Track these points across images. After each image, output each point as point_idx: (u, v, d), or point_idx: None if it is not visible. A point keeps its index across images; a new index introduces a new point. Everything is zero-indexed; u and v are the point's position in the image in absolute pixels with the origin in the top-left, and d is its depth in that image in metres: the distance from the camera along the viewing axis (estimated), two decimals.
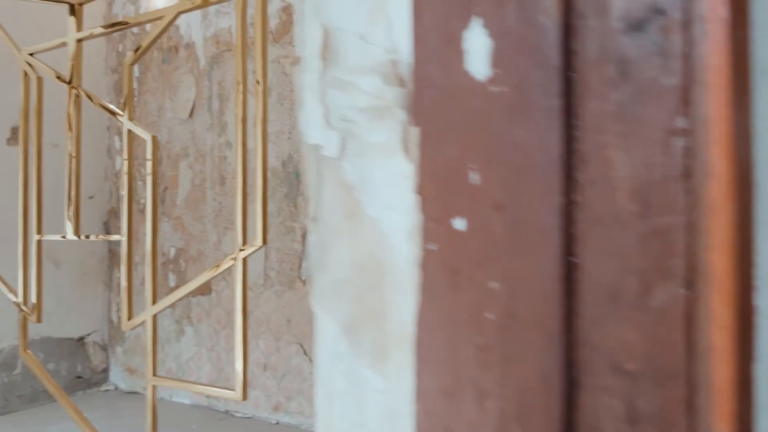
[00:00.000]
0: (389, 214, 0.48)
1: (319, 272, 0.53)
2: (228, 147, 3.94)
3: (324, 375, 0.51)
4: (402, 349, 0.46)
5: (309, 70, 0.53)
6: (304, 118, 0.54)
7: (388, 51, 0.48)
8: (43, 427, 3.71)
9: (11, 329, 3.91)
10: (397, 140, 0.47)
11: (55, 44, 2.52)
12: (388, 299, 0.48)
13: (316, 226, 0.54)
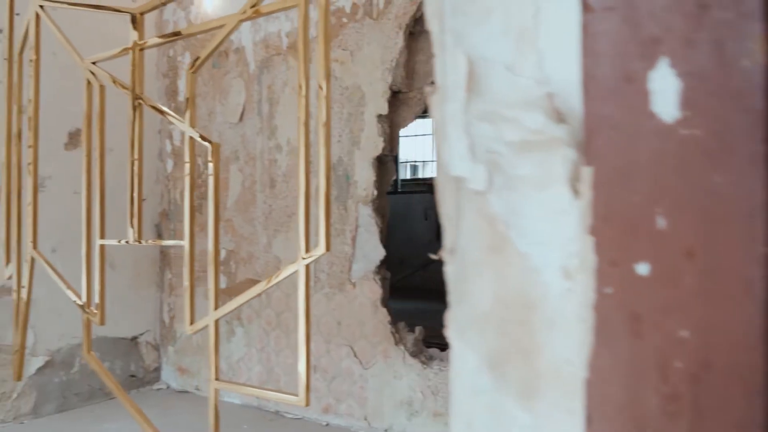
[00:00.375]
0: (541, 249, 0.47)
1: (458, 304, 0.52)
2: (278, 150, 3.97)
3: (463, 407, 0.50)
4: (554, 387, 0.45)
5: (451, 100, 0.52)
6: (446, 150, 0.53)
7: (540, 83, 0.47)
8: (100, 425, 3.80)
9: (69, 329, 4.02)
10: (557, 176, 0.46)
11: (117, 53, 2.57)
12: (537, 335, 0.47)
13: (454, 258, 0.53)
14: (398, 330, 3.59)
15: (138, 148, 2.48)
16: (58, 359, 4.02)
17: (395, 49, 3.52)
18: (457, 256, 0.53)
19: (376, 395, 3.58)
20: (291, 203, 3.92)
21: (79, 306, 2.61)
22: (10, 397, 3.77)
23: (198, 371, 4.44)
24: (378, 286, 3.60)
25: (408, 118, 3.65)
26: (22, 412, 3.84)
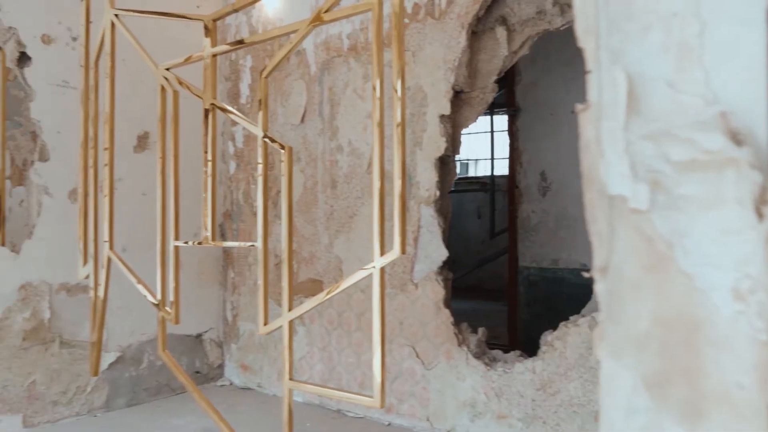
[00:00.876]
0: (708, 269, 0.45)
1: (612, 324, 0.51)
2: (339, 151, 4.01)
3: (615, 425, 0.49)
4: (722, 410, 0.44)
5: (608, 118, 0.51)
6: (602, 168, 0.52)
7: (708, 102, 0.46)
8: (168, 420, 3.91)
9: (138, 326, 4.15)
10: (729, 196, 0.45)
11: (190, 59, 2.63)
12: (702, 357, 0.45)
13: (607, 277, 0.52)
14: (461, 331, 3.57)
15: (212, 151, 2.53)
16: (129, 355, 4.16)
17: (458, 48, 3.50)
18: (610, 275, 0.52)
19: (438, 396, 3.58)
20: (352, 204, 3.94)
21: (155, 305, 2.69)
22: (84, 390, 3.92)
23: (260, 369, 4.52)
24: (440, 286, 3.59)
25: (470, 118, 3.63)
26: (95, 406, 3.98)
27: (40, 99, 3.73)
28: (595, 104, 0.52)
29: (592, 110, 0.53)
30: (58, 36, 3.81)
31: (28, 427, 3.67)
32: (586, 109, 0.54)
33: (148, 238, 4.06)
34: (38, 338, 3.70)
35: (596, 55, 0.52)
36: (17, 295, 3.63)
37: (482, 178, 10.33)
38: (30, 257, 3.69)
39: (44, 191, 3.74)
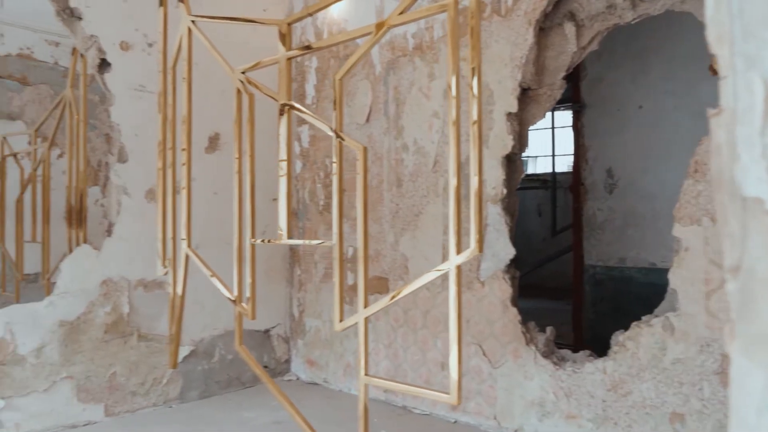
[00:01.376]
0: None
1: (744, 323, 0.52)
2: (404, 150, 4.04)
3: (748, 423, 0.49)
4: None
5: (745, 123, 0.52)
6: (738, 171, 0.53)
7: None
8: (239, 412, 4.03)
9: (210, 321, 4.29)
10: None
11: (266, 62, 2.70)
12: None
13: (738, 276, 0.53)
14: (528, 330, 3.55)
15: (287, 151, 2.60)
16: (201, 349, 4.30)
17: (525, 45, 3.48)
18: (742, 275, 0.53)
19: (505, 394, 3.57)
20: (418, 202, 3.97)
21: (231, 300, 2.78)
22: (160, 382, 4.08)
23: (326, 364, 4.60)
24: (507, 284, 3.58)
25: (538, 115, 3.60)
26: (170, 397, 4.14)
27: (119, 103, 3.90)
28: (729, 109, 0.53)
29: (725, 115, 0.54)
30: (136, 43, 3.98)
31: (109, 416, 3.86)
32: (718, 113, 0.54)
33: (220, 236, 4.21)
34: (118, 331, 3.88)
35: (731, 61, 0.53)
36: (99, 291, 3.81)
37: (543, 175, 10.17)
38: (110, 254, 3.87)
39: (123, 191, 3.92)
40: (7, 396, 3.46)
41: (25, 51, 6.24)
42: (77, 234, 4.16)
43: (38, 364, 3.57)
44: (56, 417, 3.64)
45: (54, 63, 6.43)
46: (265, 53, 4.69)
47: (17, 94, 6.20)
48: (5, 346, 3.45)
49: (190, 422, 3.84)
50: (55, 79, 6.44)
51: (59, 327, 3.64)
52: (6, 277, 5.73)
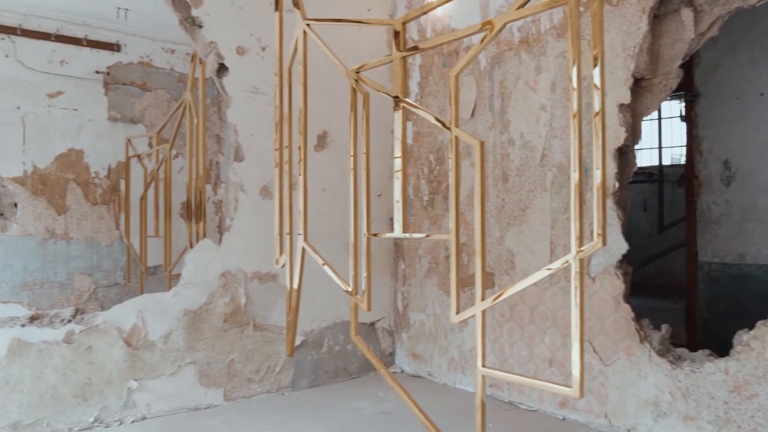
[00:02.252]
0: None
1: None
2: (510, 144, 4.02)
3: None
4: None
5: None
6: None
7: None
8: (348, 401, 4.15)
9: (319, 313, 4.45)
10: None
11: (380, 62, 2.78)
12: None
13: None
14: (642, 327, 3.45)
15: (402, 148, 2.66)
16: (311, 339, 4.47)
17: (638, 34, 3.38)
18: None
19: (617, 393, 3.49)
20: (524, 197, 3.94)
21: (347, 292, 2.88)
22: (274, 370, 4.28)
23: (431, 358, 4.66)
24: (620, 280, 3.50)
25: (652, 106, 3.48)
26: (282, 385, 4.33)
27: (235, 105, 4.12)
28: None
29: None
30: (250, 47, 4.18)
31: (228, 400, 4.09)
32: None
33: (328, 231, 4.35)
34: (236, 321, 4.10)
35: None
36: (219, 282, 4.04)
37: (648, 168, 9.76)
38: (229, 248, 4.10)
39: (240, 188, 4.13)
40: (140, 378, 3.74)
41: (145, 59, 6.68)
42: (197, 229, 4.43)
43: (166, 349, 3.83)
44: (181, 399, 3.90)
45: (170, 69, 6.85)
46: (370, 52, 4.81)
47: (138, 99, 6.66)
48: (138, 332, 3.74)
49: (302, 409, 4.00)
50: (171, 84, 6.86)
51: (184, 315, 3.89)
52: (130, 270, 6.18)
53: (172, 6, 3.96)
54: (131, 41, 6.56)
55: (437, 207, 4.57)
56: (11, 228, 5.90)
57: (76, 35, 6.24)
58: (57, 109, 6.14)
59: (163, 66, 6.79)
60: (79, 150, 6.28)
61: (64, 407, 3.50)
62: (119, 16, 6.05)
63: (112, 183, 6.44)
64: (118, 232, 6.44)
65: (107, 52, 6.41)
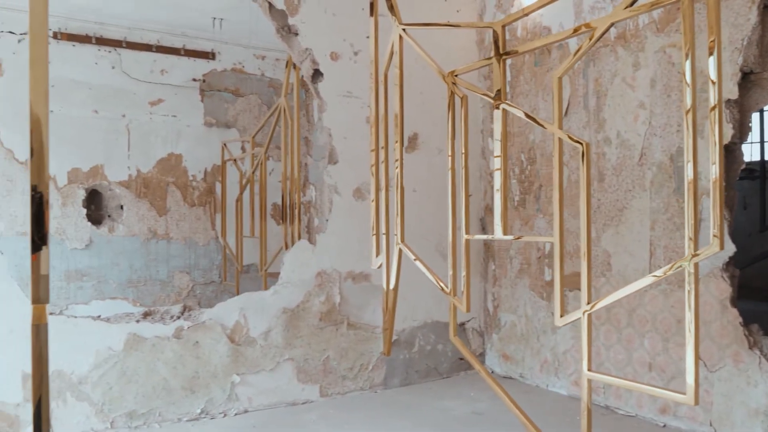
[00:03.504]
0: None
1: None
2: (606, 143, 3.93)
3: None
4: None
5: None
6: None
7: None
8: (439, 401, 4.18)
9: (411, 313, 4.50)
10: None
11: (481, 64, 2.79)
12: None
13: None
14: (752, 333, 3.30)
15: (503, 148, 2.66)
16: (403, 339, 4.53)
17: (747, 26, 3.23)
18: None
19: (724, 401, 3.35)
20: (622, 197, 3.85)
21: (446, 293, 2.91)
22: (367, 368, 4.37)
23: (522, 359, 4.62)
24: (726, 283, 3.36)
25: (761, 101, 3.32)
26: (375, 383, 4.42)
27: (330, 109, 4.23)
28: None
29: None
30: (343, 52, 4.28)
31: (323, 396, 4.21)
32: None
33: (419, 232, 4.40)
34: (331, 320, 4.21)
35: None
36: (315, 282, 4.17)
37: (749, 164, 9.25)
38: (324, 248, 4.21)
39: (334, 190, 4.24)
40: (242, 373, 3.91)
41: (237, 66, 6.95)
42: (291, 230, 4.58)
43: (266, 345, 3.99)
44: (280, 394, 4.05)
45: (261, 74, 7.10)
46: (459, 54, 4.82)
47: (231, 105, 6.94)
48: (240, 329, 3.91)
49: (394, 407, 4.06)
50: (262, 89, 7.11)
51: (282, 313, 4.04)
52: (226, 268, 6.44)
53: (269, 15, 4.11)
54: (225, 49, 6.84)
55: (528, 207, 4.52)
56: (118, 229, 6.29)
57: (175, 45, 6.57)
58: (158, 116, 6.49)
59: (254, 72, 7.05)
60: (178, 154, 6.61)
61: (174, 398, 3.71)
62: (215, 25, 6.33)
63: (208, 185, 6.74)
64: (214, 232, 6.74)
65: (203, 61, 6.72)
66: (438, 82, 4.61)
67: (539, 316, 4.46)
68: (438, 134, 4.66)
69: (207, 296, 6.72)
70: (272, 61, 7.14)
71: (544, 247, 4.39)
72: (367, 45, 4.38)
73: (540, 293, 4.45)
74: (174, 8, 5.96)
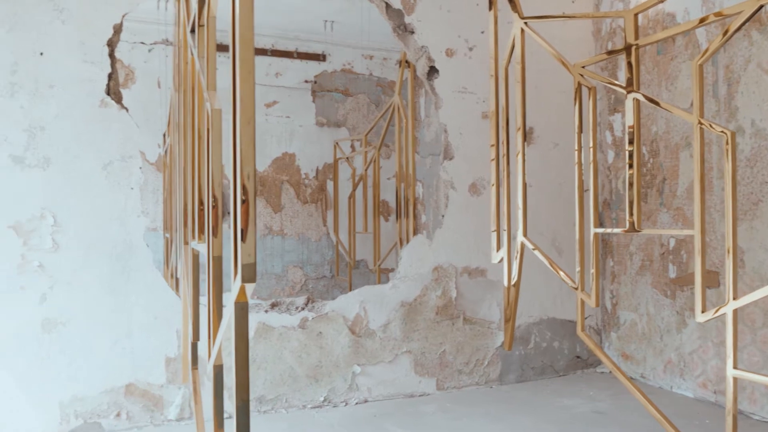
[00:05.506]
0: None
1: None
2: (739, 133, 3.73)
3: None
4: None
5: None
6: None
7: None
8: (557, 399, 4.12)
9: (525, 309, 4.46)
10: None
11: (610, 54, 2.74)
12: None
13: None
14: None
15: (636, 141, 2.60)
16: (518, 335, 4.51)
17: None
18: None
19: None
20: (757, 189, 3.64)
21: (574, 288, 2.88)
22: (482, 363, 4.37)
23: (643, 359, 4.47)
24: None
25: None
26: (490, 378, 4.42)
27: (445, 105, 4.27)
28: None
29: None
30: (458, 48, 4.31)
31: (440, 390, 4.26)
32: None
33: (535, 226, 4.35)
34: (447, 314, 4.26)
35: None
36: (431, 276, 4.22)
37: None
38: (440, 243, 4.26)
39: (450, 186, 4.28)
40: (362, 363, 4.03)
41: (347, 66, 7.14)
42: (407, 225, 4.66)
43: (384, 338, 4.09)
44: (398, 386, 4.14)
45: (369, 74, 7.26)
46: (574, 45, 4.72)
47: (341, 104, 7.14)
48: (360, 321, 4.03)
49: (511, 403, 4.04)
50: (370, 88, 7.27)
51: (400, 307, 4.12)
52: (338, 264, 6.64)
53: (385, 15, 4.21)
54: (335, 50, 7.05)
55: (651, 202, 4.37)
56: None
57: (288, 49, 6.84)
58: (273, 117, 6.79)
59: (362, 72, 7.21)
60: (291, 153, 6.88)
61: (299, 386, 3.88)
62: (326, 28, 6.53)
63: (320, 183, 6.97)
64: (325, 228, 6.97)
65: (314, 62, 6.96)
66: (554, 76, 4.55)
67: (662, 315, 4.29)
68: (553, 128, 4.59)
69: (319, 291, 6.95)
70: (380, 61, 7.28)
71: (668, 242, 4.22)
72: (482, 40, 4.38)
73: (663, 291, 4.29)
74: (288, 13, 6.21)
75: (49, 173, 3.39)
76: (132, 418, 3.52)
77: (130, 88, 6.21)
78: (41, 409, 3.36)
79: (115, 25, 3.54)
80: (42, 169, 3.37)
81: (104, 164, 3.50)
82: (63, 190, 3.41)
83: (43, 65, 3.38)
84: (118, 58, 3.79)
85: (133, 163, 3.56)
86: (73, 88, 3.44)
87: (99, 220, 3.48)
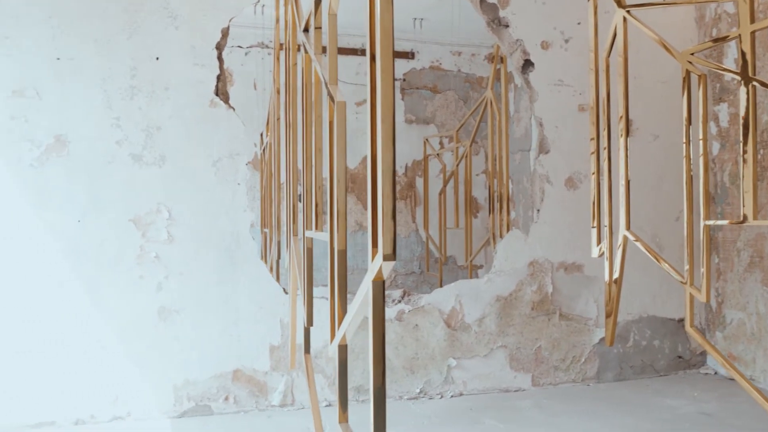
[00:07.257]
0: None
1: None
2: None
3: None
4: None
5: None
6: None
7: None
8: (660, 399, 4.00)
9: (624, 306, 4.34)
10: None
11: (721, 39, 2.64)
12: None
13: None
14: None
15: (752, 131, 2.50)
16: (616, 332, 4.39)
17: None
18: None
19: None
20: None
21: (682, 283, 2.80)
22: (579, 360, 4.30)
23: (752, 360, 4.26)
24: None
25: None
26: (587, 376, 4.34)
27: (541, 99, 4.23)
28: None
29: None
30: (554, 40, 4.26)
31: (535, 386, 4.22)
32: None
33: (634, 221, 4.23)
34: (543, 309, 4.22)
35: None
36: (527, 271, 4.20)
37: None
38: (535, 238, 4.23)
39: (546, 180, 4.24)
40: (457, 357, 4.06)
41: (435, 63, 7.17)
42: (500, 220, 4.64)
43: (480, 332, 4.10)
44: (493, 380, 4.14)
45: (457, 71, 7.26)
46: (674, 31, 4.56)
47: (430, 102, 7.18)
48: (456, 314, 4.06)
49: (611, 401, 3.96)
50: (458, 84, 7.27)
51: (496, 301, 4.12)
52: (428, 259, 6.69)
53: (479, 10, 4.21)
54: (423, 48, 7.09)
55: (761, 195, 4.16)
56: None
57: None
58: (362, 115, 6.90)
59: (450, 68, 7.22)
60: None
61: (396, 377, 3.96)
62: (415, 26, 6.59)
63: (409, 180, 7.04)
64: (414, 225, 7.03)
65: (404, 60, 7.03)
66: (653, 66, 4.41)
67: None
68: (652, 120, 4.45)
69: (408, 286, 7.02)
70: (468, 57, 7.26)
71: None
72: (578, 32, 4.31)
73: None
74: None
75: (165, 170, 3.61)
76: (239, 402, 3.70)
77: (229, 90, 6.49)
78: (158, 392, 3.59)
79: (222, 29, 3.74)
80: (158, 166, 3.60)
81: (213, 161, 3.70)
82: (177, 186, 3.63)
83: (159, 69, 3.61)
84: None
85: (240, 160, 3.74)
86: (185, 90, 3.65)
87: (209, 214, 3.68)
